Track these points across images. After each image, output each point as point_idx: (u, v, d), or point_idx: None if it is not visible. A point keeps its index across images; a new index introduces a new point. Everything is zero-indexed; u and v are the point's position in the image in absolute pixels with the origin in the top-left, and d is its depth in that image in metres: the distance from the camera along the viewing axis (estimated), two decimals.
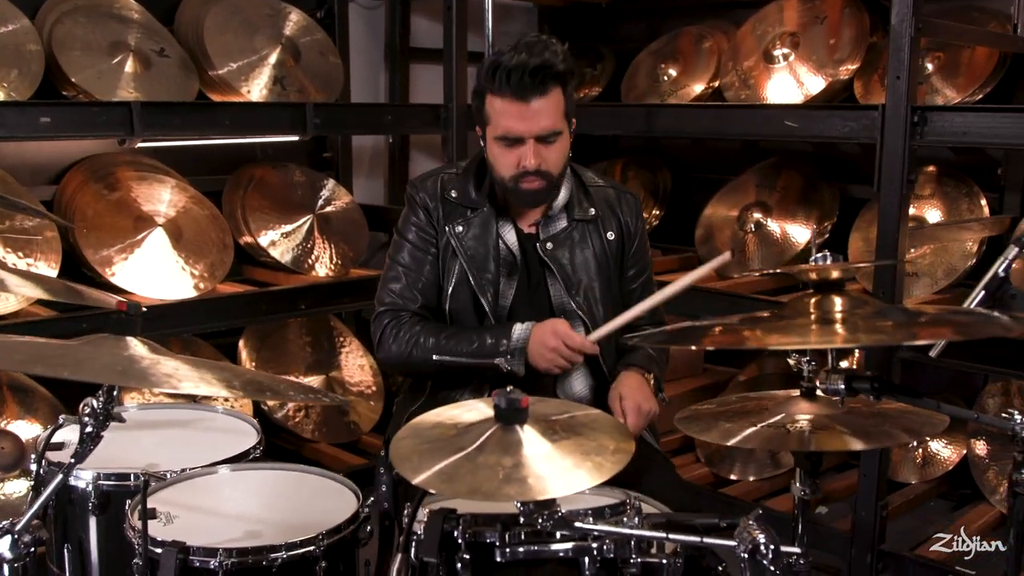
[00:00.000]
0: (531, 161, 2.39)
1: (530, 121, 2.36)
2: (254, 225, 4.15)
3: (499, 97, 2.37)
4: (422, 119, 4.19)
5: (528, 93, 2.33)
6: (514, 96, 2.34)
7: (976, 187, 3.96)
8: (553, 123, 2.39)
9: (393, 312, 2.58)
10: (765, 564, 1.61)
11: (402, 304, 2.58)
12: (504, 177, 2.46)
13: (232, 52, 4.01)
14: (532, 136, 2.38)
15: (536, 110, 2.35)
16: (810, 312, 1.71)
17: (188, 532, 2.07)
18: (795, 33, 4.15)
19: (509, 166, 2.43)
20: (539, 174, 2.42)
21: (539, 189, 2.46)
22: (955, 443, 4.11)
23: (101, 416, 1.70)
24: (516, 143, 2.40)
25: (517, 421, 1.54)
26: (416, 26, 4.91)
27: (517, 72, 2.31)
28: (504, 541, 1.59)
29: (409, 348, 2.51)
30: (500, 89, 2.35)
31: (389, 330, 2.55)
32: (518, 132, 2.38)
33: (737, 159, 4.72)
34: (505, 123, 2.38)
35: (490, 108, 2.41)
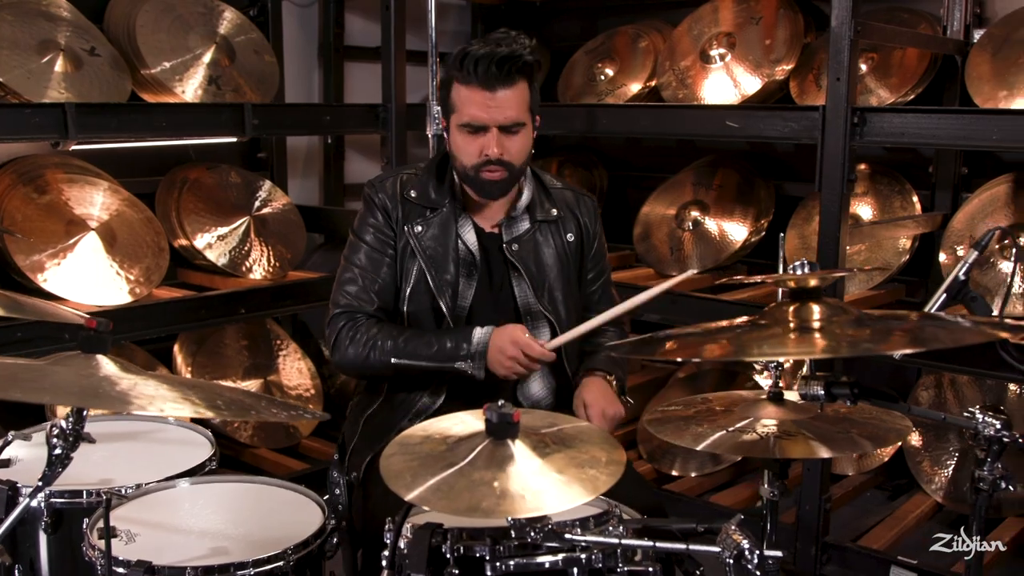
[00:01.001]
0: (494, 150, 2.40)
1: (494, 110, 2.38)
2: (190, 228, 4.07)
3: (465, 86, 2.39)
4: (361, 119, 4.14)
5: (494, 82, 2.36)
6: (480, 85, 2.37)
7: (908, 185, 4.06)
8: (517, 114, 2.41)
9: (349, 314, 2.55)
10: (751, 569, 1.62)
11: (357, 306, 2.55)
12: (466, 166, 2.46)
13: (165, 51, 3.91)
14: (496, 125, 2.40)
15: (501, 100, 2.38)
16: (788, 320, 1.73)
17: (151, 551, 2.01)
18: (731, 33, 4.20)
19: (471, 154, 2.44)
20: (501, 164, 2.43)
21: (500, 180, 2.46)
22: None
23: (71, 437, 1.64)
24: (479, 131, 2.41)
25: (508, 435, 1.53)
26: (351, 25, 4.85)
27: (484, 61, 2.34)
28: (495, 555, 1.58)
29: (367, 351, 2.48)
30: (467, 78, 2.38)
31: (345, 333, 2.52)
32: (482, 120, 2.39)
33: (673, 157, 4.76)
34: (470, 111, 2.40)
35: (456, 96, 2.43)
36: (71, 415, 1.65)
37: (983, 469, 1.97)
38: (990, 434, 1.94)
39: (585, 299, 2.71)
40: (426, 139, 3.82)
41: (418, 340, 2.47)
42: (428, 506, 1.45)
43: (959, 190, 4.09)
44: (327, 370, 4.72)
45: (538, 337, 2.54)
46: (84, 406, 1.60)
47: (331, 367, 4.75)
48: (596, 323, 2.39)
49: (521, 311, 2.57)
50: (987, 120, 3.16)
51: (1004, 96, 3.61)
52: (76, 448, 1.68)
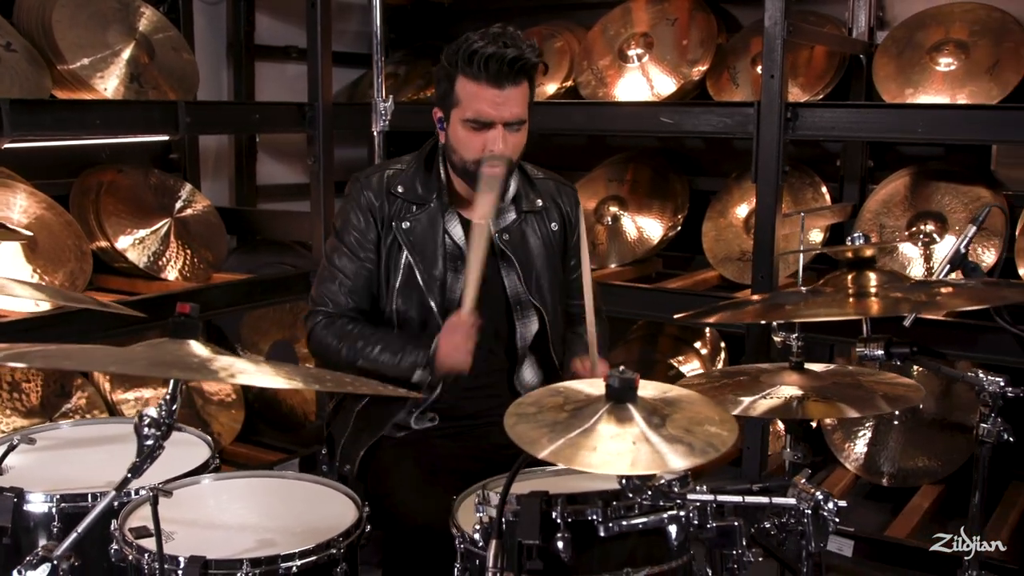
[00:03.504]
0: (499, 145, 2.45)
1: (502, 107, 2.43)
2: (110, 230, 3.93)
3: (474, 81, 2.42)
4: (288, 118, 4.09)
5: (504, 81, 2.40)
6: (490, 82, 2.40)
7: (817, 177, 4.31)
8: (522, 111, 2.47)
9: (324, 312, 2.60)
10: (829, 517, 1.74)
11: (333, 309, 2.60)
12: (467, 160, 2.50)
13: (84, 46, 3.77)
14: (502, 122, 2.45)
15: (508, 97, 2.42)
16: (848, 287, 1.85)
17: (196, 547, 1.97)
18: (648, 33, 4.36)
19: (474, 149, 2.47)
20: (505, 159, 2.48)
21: (499, 175, 2.50)
22: None
23: (164, 426, 1.60)
24: (485, 127, 2.45)
25: (629, 399, 1.60)
26: (260, 24, 4.78)
27: (496, 61, 2.38)
28: (607, 516, 1.64)
29: (336, 349, 2.55)
30: (476, 74, 2.41)
31: (319, 329, 2.59)
32: (490, 116, 2.43)
33: (585, 155, 4.89)
34: (478, 106, 2.43)
35: (461, 91, 2.45)
36: (163, 403, 1.61)
37: (987, 423, 2.16)
38: (994, 390, 2.12)
39: (567, 286, 2.78)
40: (352, 138, 3.82)
41: (383, 347, 2.52)
42: (566, 464, 1.49)
43: (866, 182, 4.37)
44: None
45: (527, 327, 2.63)
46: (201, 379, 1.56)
47: None
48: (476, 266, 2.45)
49: (511, 301, 2.61)
50: (914, 114, 3.41)
51: (910, 93, 3.89)
52: (168, 437, 1.64)
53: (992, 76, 3.80)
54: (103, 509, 1.67)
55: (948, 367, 2.01)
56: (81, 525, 1.67)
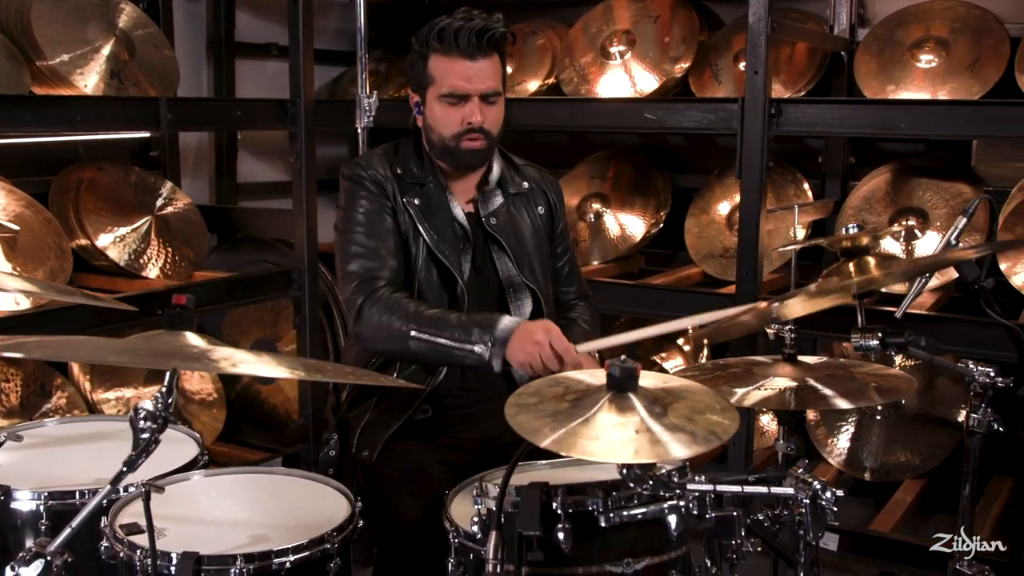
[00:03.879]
0: (477, 117, 2.47)
1: (475, 79, 2.45)
2: (91, 228, 3.90)
3: (445, 56, 2.46)
4: (270, 115, 4.06)
5: (475, 52, 2.44)
6: (462, 55, 2.44)
7: (799, 174, 4.33)
8: (496, 83, 2.50)
9: (367, 284, 2.46)
10: (827, 507, 1.74)
11: (375, 268, 2.48)
12: (445, 136, 2.51)
13: (63, 42, 3.73)
14: (477, 94, 2.47)
15: (481, 68, 2.46)
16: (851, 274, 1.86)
17: (189, 543, 1.96)
18: (630, 31, 4.36)
19: (453, 123, 2.49)
20: (481, 132, 2.50)
21: (480, 148, 2.52)
22: None
23: (160, 418, 1.58)
24: (461, 100, 2.47)
25: (630, 388, 1.59)
26: (241, 21, 4.75)
27: (465, 33, 2.42)
28: (607, 507, 1.64)
29: (388, 321, 2.40)
30: (447, 49, 2.45)
31: (368, 302, 2.44)
32: (464, 89, 2.46)
33: (566, 153, 4.89)
34: (452, 81, 2.46)
35: (434, 68, 2.48)
36: (160, 395, 1.59)
37: (977, 413, 2.17)
38: (984, 381, 2.14)
39: (555, 273, 2.78)
40: (333, 137, 3.79)
41: (442, 315, 2.40)
42: (568, 452, 1.48)
43: (847, 179, 4.40)
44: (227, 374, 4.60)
45: (521, 310, 2.60)
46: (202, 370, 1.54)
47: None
48: (638, 336, 2.46)
49: (504, 285, 2.60)
50: (896, 110, 3.43)
51: (892, 90, 3.92)
52: (163, 431, 1.62)
53: (973, 73, 3.83)
54: (97, 503, 1.65)
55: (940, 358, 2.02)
56: (76, 520, 1.65)
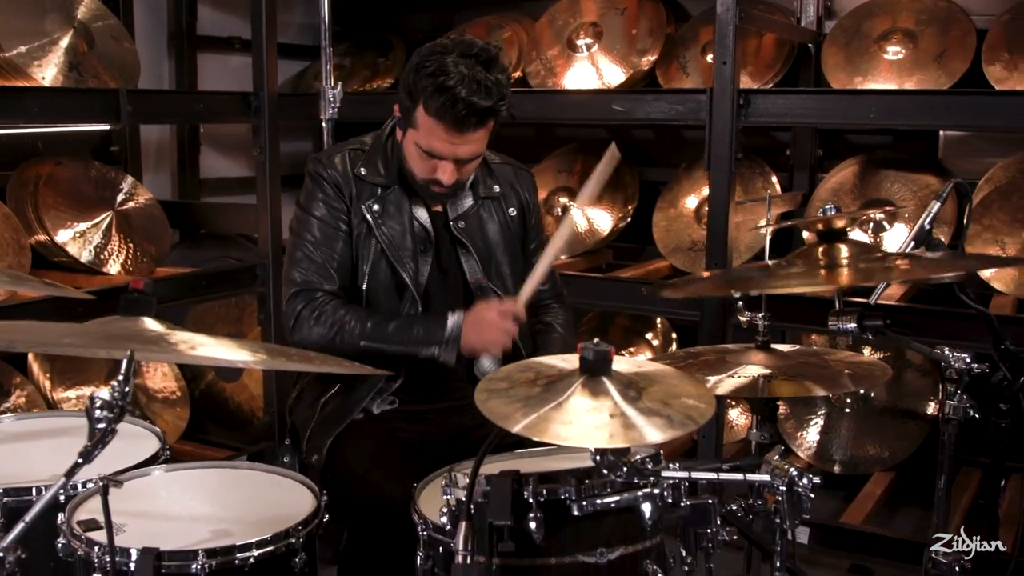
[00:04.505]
0: (447, 178, 2.37)
1: (459, 148, 2.33)
2: (50, 223, 3.81)
3: (435, 119, 2.28)
4: (233, 108, 3.99)
5: (466, 128, 2.28)
6: (451, 126, 2.28)
7: (767, 167, 4.32)
8: (480, 148, 2.38)
9: (306, 294, 2.45)
10: (804, 494, 1.71)
11: (316, 282, 2.46)
12: (416, 175, 2.44)
13: (21, 34, 3.65)
14: (455, 159, 2.35)
15: (468, 140, 2.32)
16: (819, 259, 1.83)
17: (149, 539, 1.89)
18: (597, 23, 4.34)
19: (424, 170, 2.40)
20: (451, 185, 2.41)
21: (446, 193, 2.47)
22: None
23: (116, 408, 1.53)
24: (436, 157, 2.36)
25: (603, 372, 1.55)
26: (203, 14, 4.68)
27: (463, 106, 2.23)
28: (580, 495, 1.60)
29: (333, 333, 2.40)
30: (439, 113, 2.26)
31: (306, 314, 2.43)
32: (443, 154, 2.34)
33: (534, 147, 4.86)
34: (432, 143, 2.32)
35: (421, 119, 2.32)
36: (118, 382, 1.53)
37: (952, 400, 2.15)
38: (960, 367, 2.12)
39: (527, 270, 2.73)
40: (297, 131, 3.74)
41: (388, 325, 2.41)
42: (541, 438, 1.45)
43: (815, 171, 4.39)
44: (190, 371, 4.53)
45: None
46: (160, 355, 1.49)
47: (193, 368, 4.57)
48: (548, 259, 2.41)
49: (471, 287, 2.56)
50: (866, 100, 3.41)
51: (859, 81, 3.91)
52: (120, 420, 1.57)
53: (940, 65, 3.83)
54: (51, 497, 1.59)
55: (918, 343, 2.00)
56: (28, 515, 1.59)
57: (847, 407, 4.13)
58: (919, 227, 2.17)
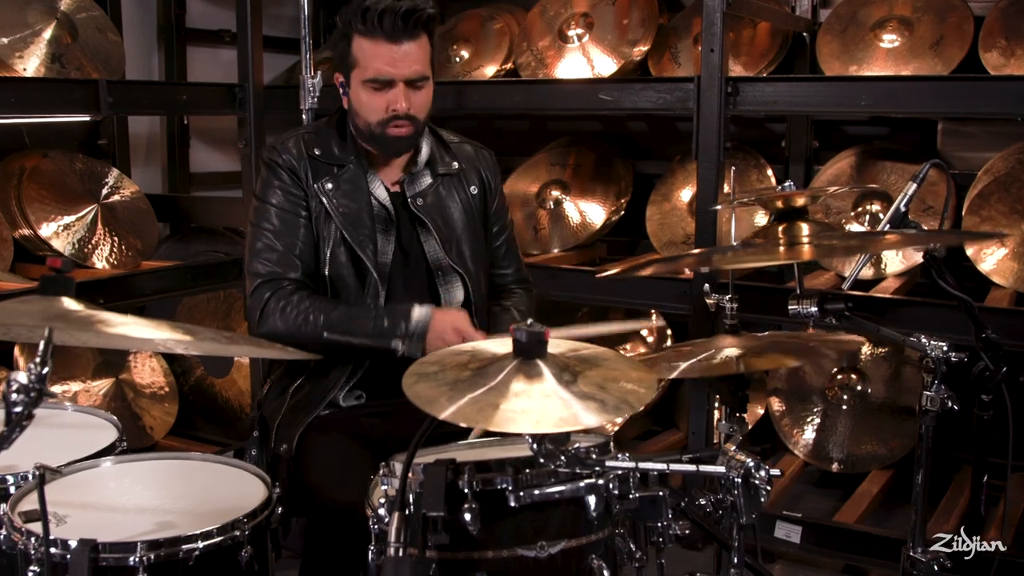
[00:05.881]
0: (402, 104, 2.36)
1: (401, 64, 2.34)
2: (33, 217, 3.77)
3: (369, 39, 2.34)
4: (218, 100, 3.95)
5: (400, 36, 2.32)
6: (386, 38, 2.32)
7: (762, 159, 4.23)
8: (423, 67, 2.38)
9: (272, 284, 2.41)
10: (760, 485, 1.64)
11: (281, 272, 2.42)
12: (371, 122, 2.40)
13: (2, 25, 3.62)
14: (403, 79, 2.36)
15: (407, 53, 2.34)
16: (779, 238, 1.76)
17: (89, 530, 1.83)
18: (588, 13, 4.27)
19: (378, 110, 2.38)
20: (408, 118, 2.39)
21: (406, 135, 2.42)
22: (752, 403, 4.35)
23: (33, 391, 1.47)
24: (386, 86, 2.37)
25: (538, 355, 1.48)
26: (192, 7, 4.64)
27: (390, 15, 2.30)
28: (518, 485, 1.53)
29: (297, 325, 2.36)
30: (371, 31, 2.33)
31: (273, 304, 2.38)
32: (389, 74, 2.35)
33: (528, 140, 4.79)
34: (376, 65, 2.35)
35: (358, 51, 2.36)
36: (35, 364, 1.47)
37: (930, 391, 2.07)
38: (937, 355, 2.04)
39: (491, 254, 2.68)
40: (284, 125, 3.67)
41: (352, 315, 2.37)
42: (468, 423, 1.38)
43: (811, 163, 4.30)
44: (179, 366, 4.48)
45: (451, 294, 2.51)
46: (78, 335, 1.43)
47: (183, 363, 4.53)
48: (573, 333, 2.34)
49: (432, 267, 2.51)
50: (855, 87, 3.32)
51: (855, 70, 3.83)
52: (39, 404, 1.51)
53: (936, 52, 3.74)
54: None
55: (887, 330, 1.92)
56: None
57: (844, 404, 4.04)
58: (895, 209, 2.10)
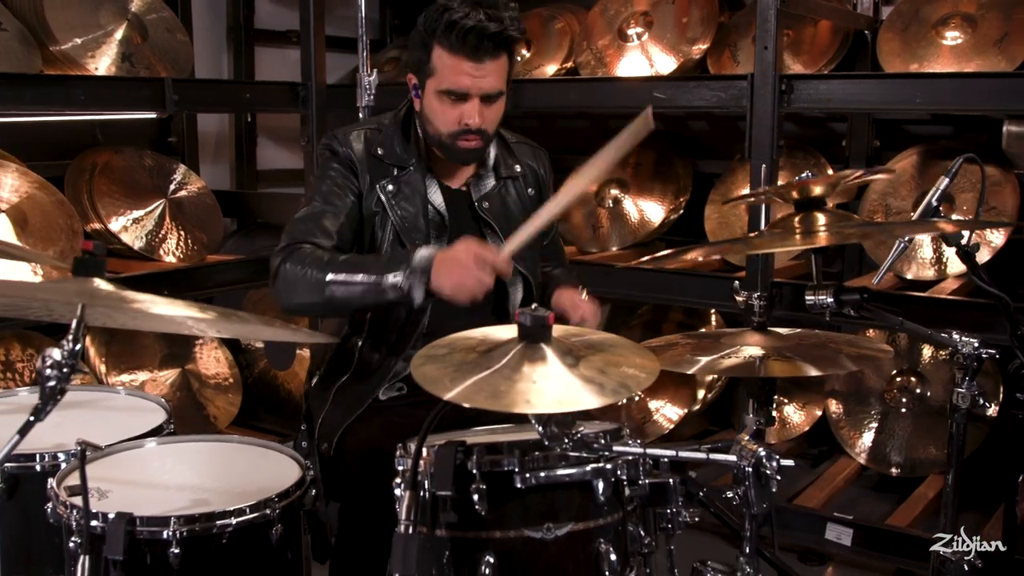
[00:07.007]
0: (476, 120, 2.36)
1: (479, 80, 2.33)
2: (104, 211, 3.92)
3: (450, 52, 2.31)
4: (281, 98, 4.05)
5: (483, 55, 2.30)
6: (468, 56, 2.30)
7: (823, 159, 4.19)
8: (500, 84, 2.38)
9: (294, 246, 2.34)
10: (770, 475, 1.64)
11: (306, 237, 2.35)
12: (442, 132, 2.41)
13: (76, 27, 3.77)
14: (479, 95, 2.35)
15: (486, 71, 2.33)
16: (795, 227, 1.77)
17: (128, 505, 1.92)
18: (647, 12, 4.28)
19: (450, 122, 2.38)
20: (479, 132, 2.39)
21: (475, 148, 2.43)
22: (809, 405, 4.32)
23: (66, 367, 1.55)
24: (460, 99, 2.36)
25: (542, 339, 1.52)
26: (260, 7, 4.77)
27: (475, 34, 2.27)
28: (524, 467, 1.56)
29: (304, 268, 2.27)
30: (454, 47, 2.30)
31: (287, 260, 2.32)
32: (466, 89, 2.34)
33: (587, 138, 4.80)
34: (454, 79, 2.33)
35: (438, 61, 2.35)
36: (68, 340, 1.55)
37: (961, 387, 2.05)
38: (969, 352, 2.02)
39: (542, 251, 2.71)
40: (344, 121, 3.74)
41: (356, 256, 2.34)
42: (470, 403, 1.42)
43: (872, 162, 4.25)
44: (244, 359, 4.60)
45: (514, 294, 2.54)
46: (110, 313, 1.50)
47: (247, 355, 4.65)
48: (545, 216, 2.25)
49: None
50: (910, 84, 3.29)
51: (916, 68, 3.76)
52: (70, 380, 1.59)
53: (1000, 49, 3.67)
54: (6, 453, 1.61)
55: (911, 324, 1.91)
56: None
57: (903, 407, 3.98)
58: (926, 204, 2.08)
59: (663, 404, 4.28)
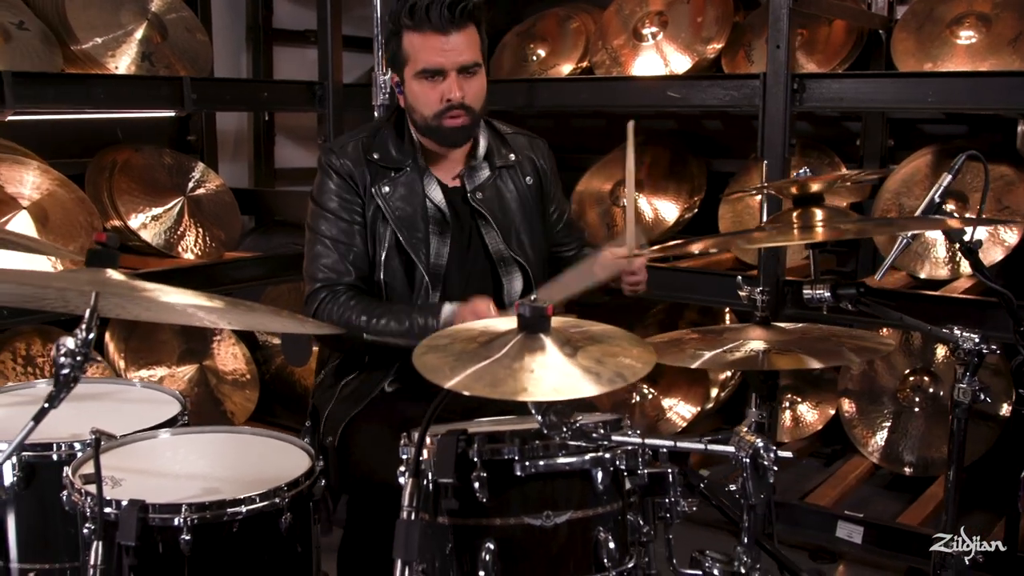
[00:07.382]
0: (456, 93, 2.41)
1: (451, 53, 2.39)
2: (123, 208, 3.97)
3: (418, 33, 2.39)
4: (299, 97, 4.10)
5: (447, 26, 2.36)
6: (434, 30, 2.37)
7: (837, 158, 4.20)
8: (473, 55, 2.43)
9: (328, 288, 2.49)
10: (767, 466, 1.66)
11: (336, 278, 2.50)
12: (427, 116, 2.46)
13: (96, 26, 3.82)
14: (454, 68, 2.40)
15: (456, 43, 2.39)
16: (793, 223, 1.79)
17: (141, 493, 1.96)
18: (662, 12, 4.30)
19: (432, 102, 2.43)
20: (462, 107, 2.44)
21: (463, 125, 2.47)
22: (823, 404, 4.33)
23: (80, 355, 1.59)
24: (438, 77, 2.41)
25: (541, 329, 1.55)
26: (279, 7, 4.82)
27: (436, 6, 2.35)
28: (524, 455, 1.59)
29: (343, 325, 2.44)
30: (419, 25, 2.38)
31: (324, 307, 2.47)
32: (440, 64, 2.39)
33: (603, 137, 4.83)
34: (426, 57, 2.40)
35: (409, 46, 2.42)
36: (81, 329, 1.59)
37: (962, 382, 2.07)
38: (969, 347, 2.03)
39: (553, 238, 2.75)
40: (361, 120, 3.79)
41: (389, 316, 2.43)
42: (469, 391, 1.45)
43: (886, 162, 4.25)
44: (261, 355, 4.65)
45: (512, 284, 2.58)
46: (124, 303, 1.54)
47: (264, 351, 4.70)
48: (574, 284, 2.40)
49: (494, 259, 2.57)
50: (923, 83, 3.30)
51: (930, 67, 3.76)
52: (84, 368, 1.63)
53: (1014, 49, 3.67)
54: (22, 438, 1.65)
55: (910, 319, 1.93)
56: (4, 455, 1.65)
57: (916, 407, 3.99)
58: (928, 200, 2.10)
59: (676, 402, 4.30)
